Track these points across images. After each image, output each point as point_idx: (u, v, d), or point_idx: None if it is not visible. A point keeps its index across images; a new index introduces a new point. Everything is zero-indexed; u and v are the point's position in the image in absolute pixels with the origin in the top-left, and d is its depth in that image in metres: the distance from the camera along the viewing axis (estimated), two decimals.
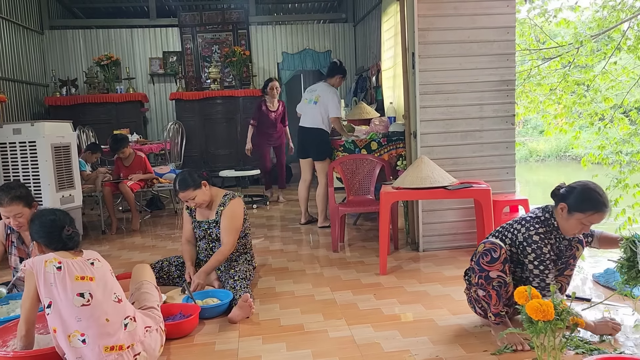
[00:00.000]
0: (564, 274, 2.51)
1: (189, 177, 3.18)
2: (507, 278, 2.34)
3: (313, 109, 5.02)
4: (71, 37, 8.72)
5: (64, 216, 2.26)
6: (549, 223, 2.37)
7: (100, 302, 2.09)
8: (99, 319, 2.05)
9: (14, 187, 2.93)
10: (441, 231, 4.03)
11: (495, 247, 2.33)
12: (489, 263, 2.32)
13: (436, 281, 3.30)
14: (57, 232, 2.17)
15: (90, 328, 2.03)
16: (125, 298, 2.24)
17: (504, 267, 2.32)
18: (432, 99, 3.91)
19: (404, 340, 2.45)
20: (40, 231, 2.20)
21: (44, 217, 2.23)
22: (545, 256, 2.32)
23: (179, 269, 3.36)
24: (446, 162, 3.89)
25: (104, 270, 2.21)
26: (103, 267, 2.22)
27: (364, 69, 8.59)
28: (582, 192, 2.30)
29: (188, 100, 8.23)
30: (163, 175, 5.97)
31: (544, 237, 2.34)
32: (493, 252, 2.32)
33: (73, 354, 2.00)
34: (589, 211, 2.26)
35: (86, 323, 2.03)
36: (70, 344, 2.00)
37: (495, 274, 2.32)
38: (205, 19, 8.83)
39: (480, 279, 2.35)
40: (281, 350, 2.41)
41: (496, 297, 2.34)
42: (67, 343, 2.01)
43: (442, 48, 3.88)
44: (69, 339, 2.01)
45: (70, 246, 2.20)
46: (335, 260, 3.91)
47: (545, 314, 1.80)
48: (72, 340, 2.00)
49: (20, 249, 3.01)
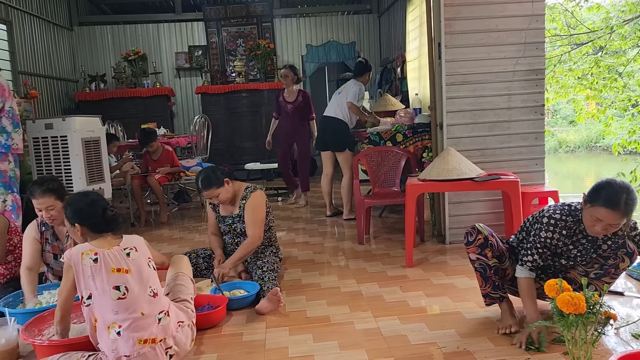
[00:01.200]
0: (601, 279, 2.37)
1: (212, 175, 3.18)
2: (490, 262, 2.40)
3: (336, 98, 5.06)
4: (99, 33, 8.87)
5: (102, 197, 2.29)
6: (577, 214, 2.24)
7: (136, 295, 2.11)
8: (135, 313, 2.08)
9: (47, 180, 3.00)
10: (468, 223, 3.95)
11: (472, 232, 2.43)
12: (466, 245, 2.45)
13: (463, 274, 3.27)
14: (100, 212, 2.18)
15: (126, 321, 2.06)
16: (161, 292, 2.25)
17: (481, 250, 2.39)
18: (458, 90, 3.86)
19: (431, 332, 2.44)
20: (83, 214, 2.20)
21: (84, 198, 2.24)
22: (539, 239, 2.26)
23: (206, 260, 3.40)
24: (473, 154, 3.84)
25: (140, 262, 2.21)
26: (139, 258, 2.21)
27: (388, 60, 8.53)
28: (600, 183, 2.15)
29: (213, 94, 8.31)
30: (190, 168, 6.04)
31: (553, 224, 2.24)
32: (469, 235, 2.44)
33: (109, 345, 2.04)
34: (596, 203, 2.09)
35: (122, 316, 2.06)
36: (109, 336, 2.04)
37: (474, 256, 2.43)
38: (230, 13, 8.88)
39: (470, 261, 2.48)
40: (308, 341, 2.43)
41: (481, 278, 2.44)
42: (106, 334, 2.05)
43: (469, 37, 3.82)
44: (108, 330, 2.05)
45: (114, 227, 2.22)
46: (360, 253, 3.91)
47: (576, 307, 1.76)
48: (110, 332, 2.05)
49: (54, 246, 3.08)
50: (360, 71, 5.06)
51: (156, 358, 2.09)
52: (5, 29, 6.68)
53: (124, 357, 2.02)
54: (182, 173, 5.91)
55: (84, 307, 2.10)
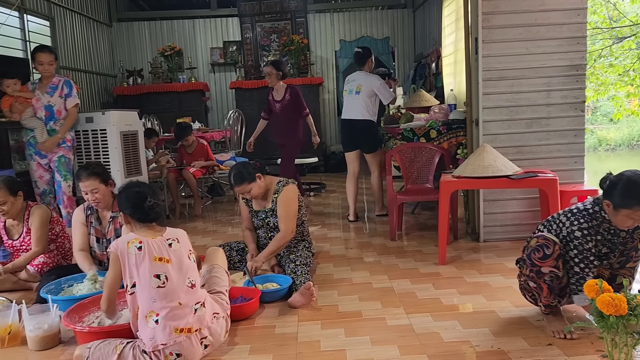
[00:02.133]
0: (625, 267, 2.36)
1: (243, 171, 3.21)
2: (561, 272, 2.25)
3: (355, 99, 4.82)
4: (137, 29, 9.05)
5: (148, 189, 2.36)
6: (598, 216, 2.23)
7: (174, 285, 2.17)
8: (172, 302, 2.14)
9: (92, 165, 3.13)
10: (503, 221, 3.92)
11: (548, 243, 2.23)
12: (541, 259, 2.24)
13: (497, 272, 3.22)
14: (141, 203, 2.26)
15: (164, 309, 2.12)
16: (198, 284, 2.31)
17: (556, 262, 2.23)
18: (495, 85, 3.79)
19: (464, 330, 2.41)
20: (127, 202, 2.30)
21: (130, 189, 2.34)
22: (589, 252, 2.21)
23: (239, 253, 3.45)
24: (510, 151, 3.77)
25: (181, 253, 2.28)
26: (180, 250, 2.28)
27: (423, 55, 8.43)
28: (626, 187, 2.11)
29: (247, 89, 8.40)
30: (224, 162, 6.12)
31: (587, 233, 2.20)
32: (546, 248, 2.23)
33: (147, 333, 2.10)
34: (636, 206, 2.08)
35: (160, 304, 2.12)
36: (147, 324, 2.10)
37: (547, 269, 2.24)
38: (264, 8, 8.93)
39: (532, 273, 2.29)
40: (339, 335, 2.44)
41: (547, 290, 2.28)
42: (144, 322, 2.11)
43: (507, 32, 3.74)
44: (146, 319, 2.11)
45: (152, 216, 2.29)
46: (392, 249, 3.89)
47: (617, 309, 1.72)
48: (148, 321, 2.11)
49: (97, 229, 3.19)
50: (362, 60, 4.92)
51: (191, 347, 2.14)
52: (48, 25, 6.89)
53: (160, 345, 2.08)
54: (216, 167, 5.99)
55: (128, 295, 2.17)
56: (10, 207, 3.27)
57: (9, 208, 3.26)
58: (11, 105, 4.19)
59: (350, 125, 4.88)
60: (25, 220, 3.36)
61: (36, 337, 2.41)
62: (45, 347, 2.43)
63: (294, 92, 5.33)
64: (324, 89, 9.17)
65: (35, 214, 3.34)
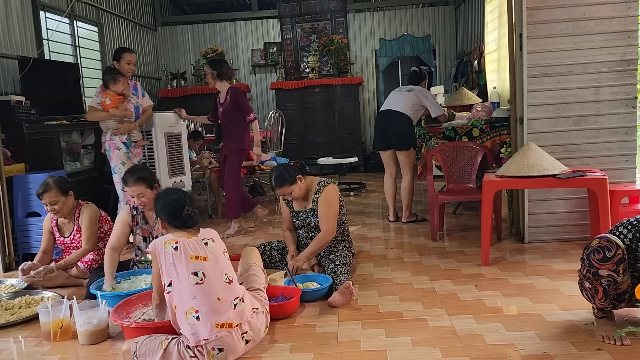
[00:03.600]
0: None
1: (285, 173, 3.22)
2: (620, 277, 2.16)
3: (404, 95, 4.68)
4: (180, 32, 9.26)
5: (185, 196, 2.43)
6: None
7: (212, 281, 2.22)
8: (211, 297, 2.19)
9: (139, 169, 3.22)
10: (549, 222, 3.80)
11: (610, 246, 2.14)
12: (600, 261, 2.15)
13: (543, 274, 3.13)
14: (179, 211, 2.34)
15: (204, 305, 2.17)
16: (235, 279, 2.36)
17: (617, 267, 2.13)
18: (541, 82, 3.69)
19: (508, 333, 2.36)
20: (165, 209, 2.38)
21: (168, 196, 2.42)
22: None
23: (280, 253, 3.48)
24: (556, 150, 3.66)
25: (217, 251, 2.34)
26: (216, 248, 2.35)
27: (464, 53, 8.29)
28: None
29: (287, 89, 8.46)
30: (264, 162, 6.18)
31: None
32: (607, 250, 2.14)
33: (189, 329, 2.15)
34: None
35: (200, 300, 2.17)
36: (187, 320, 2.16)
37: (606, 272, 2.15)
38: (304, 9, 8.97)
39: (589, 274, 2.20)
40: (380, 336, 2.42)
41: (602, 293, 2.19)
42: (185, 319, 2.16)
43: (553, 27, 3.64)
44: (186, 315, 2.16)
45: (189, 224, 2.36)
46: (434, 249, 3.84)
47: None
48: (188, 317, 2.16)
49: (144, 229, 3.29)
50: (416, 80, 4.82)
51: (233, 342, 2.18)
52: (96, 30, 7.14)
53: (203, 340, 2.13)
54: (257, 167, 6.06)
55: (165, 294, 2.22)
56: (62, 207, 3.41)
57: (60, 207, 3.40)
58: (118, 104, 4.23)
59: (386, 117, 4.67)
60: (76, 218, 3.50)
61: (86, 332, 2.51)
62: (95, 342, 2.52)
63: (235, 93, 4.68)
64: (364, 89, 9.14)
65: (85, 213, 3.47)
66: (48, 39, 5.81)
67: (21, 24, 5.40)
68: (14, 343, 2.63)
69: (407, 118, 4.63)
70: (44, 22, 5.82)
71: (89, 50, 6.87)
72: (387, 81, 9.63)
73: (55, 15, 6.05)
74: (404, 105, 4.64)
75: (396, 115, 4.63)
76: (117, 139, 4.27)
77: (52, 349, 2.51)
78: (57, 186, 3.38)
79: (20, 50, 5.30)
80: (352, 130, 8.51)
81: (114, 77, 4.18)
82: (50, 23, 5.93)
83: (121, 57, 4.31)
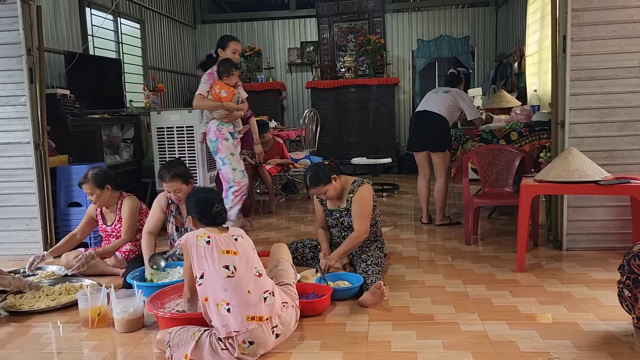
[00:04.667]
0: None
1: (320, 173, 3.22)
2: None
3: (440, 96, 4.61)
4: (219, 30, 9.38)
5: (214, 194, 2.51)
6: None
7: (242, 274, 2.26)
8: (242, 290, 2.22)
9: (175, 165, 3.28)
10: (589, 230, 3.70)
11: None
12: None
13: (581, 283, 3.04)
14: (208, 208, 2.40)
15: (235, 298, 2.20)
16: (265, 273, 2.39)
17: None
18: (584, 86, 3.59)
19: (543, 341, 2.30)
20: (195, 207, 2.45)
21: (199, 194, 2.49)
22: None
23: (312, 250, 3.49)
24: (598, 155, 3.55)
25: (247, 247, 2.40)
26: (246, 243, 2.41)
27: (504, 54, 8.13)
28: None
29: (323, 88, 8.47)
30: (298, 160, 6.22)
31: None
32: None
33: (220, 321, 2.19)
34: None
35: (231, 293, 2.21)
36: (218, 312, 2.19)
37: None
38: (342, 9, 8.96)
39: (628, 280, 2.14)
40: (411, 337, 2.40)
41: None
42: (216, 311, 2.20)
43: (599, 29, 3.53)
44: (217, 307, 2.20)
45: (218, 222, 2.43)
46: (467, 253, 3.79)
47: None
48: (219, 309, 2.19)
49: (177, 218, 3.37)
50: (453, 82, 4.75)
51: (263, 335, 2.21)
52: (139, 27, 7.32)
53: (234, 332, 2.16)
54: (291, 165, 6.10)
55: (197, 286, 2.27)
56: (97, 198, 3.51)
57: (96, 199, 3.52)
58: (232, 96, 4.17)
59: (422, 118, 4.62)
60: (118, 209, 3.61)
61: (122, 320, 2.57)
62: (130, 330, 2.58)
63: None
64: (400, 89, 9.08)
65: (126, 205, 3.57)
66: (93, 35, 5.98)
67: (68, 20, 5.58)
68: (53, 328, 2.72)
69: (443, 119, 4.56)
70: (89, 18, 6.00)
71: (130, 46, 7.04)
72: (424, 82, 9.54)
73: (100, 12, 6.22)
74: (440, 107, 4.57)
75: (432, 116, 4.57)
76: (225, 129, 4.17)
77: (90, 335, 2.59)
78: (92, 179, 3.48)
79: (66, 45, 5.47)
80: (387, 131, 8.46)
81: (229, 70, 4.07)
82: (95, 19, 6.10)
83: (227, 45, 4.23)
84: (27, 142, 3.93)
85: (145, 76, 7.29)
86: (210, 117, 4.21)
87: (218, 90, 4.09)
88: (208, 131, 4.20)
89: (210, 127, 4.19)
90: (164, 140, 4.79)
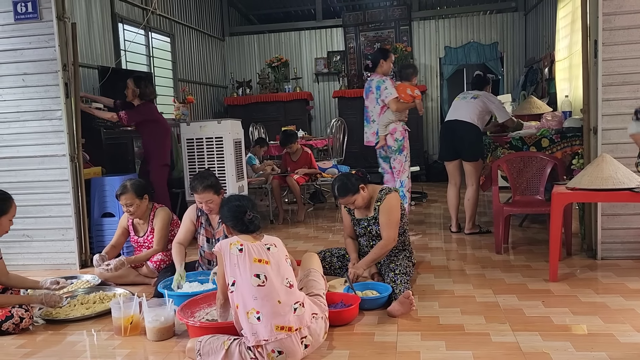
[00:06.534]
0: None
1: (347, 183, 3.21)
2: None
3: (470, 103, 4.57)
4: (247, 42, 9.53)
5: (248, 202, 2.53)
6: None
7: (273, 284, 2.27)
8: (272, 300, 2.24)
9: (206, 176, 3.33)
10: (625, 238, 3.60)
11: None
12: None
13: (617, 293, 2.96)
14: (241, 216, 2.43)
15: (265, 307, 2.22)
16: (296, 284, 2.40)
17: None
18: (617, 91, 3.51)
19: (578, 353, 2.25)
20: (228, 215, 2.49)
21: (231, 202, 2.53)
22: None
23: (340, 260, 3.49)
24: (633, 162, 3.44)
25: (279, 256, 2.40)
26: (278, 253, 2.41)
27: (534, 60, 8.01)
28: None
29: (350, 97, 8.50)
30: (326, 170, 6.24)
31: None
32: None
33: (249, 329, 2.21)
34: None
35: (261, 302, 2.22)
36: (248, 320, 2.21)
37: None
38: (368, 18, 9.00)
39: None
40: (440, 348, 2.38)
41: None
42: (246, 319, 2.23)
43: (631, 34, 3.46)
44: (247, 315, 2.22)
45: (251, 229, 2.44)
46: (498, 262, 3.73)
47: None
48: (249, 317, 2.22)
49: (207, 230, 3.42)
50: (480, 85, 4.73)
51: (292, 345, 2.21)
52: (169, 41, 7.49)
53: (263, 340, 2.17)
54: (319, 174, 6.12)
55: (229, 293, 2.30)
56: (136, 209, 3.59)
57: (135, 209, 3.59)
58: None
59: (453, 127, 4.60)
60: (150, 220, 3.68)
61: (154, 328, 2.62)
62: (161, 338, 2.63)
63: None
64: (427, 97, 9.03)
65: (159, 216, 3.64)
66: (125, 49, 6.15)
67: (101, 36, 5.76)
68: (88, 336, 2.79)
69: (475, 128, 4.53)
70: (122, 33, 6.17)
71: (161, 59, 7.21)
72: (452, 89, 9.45)
73: (132, 27, 6.40)
74: (471, 114, 4.54)
75: (464, 125, 4.54)
76: (402, 127, 4.74)
77: (122, 343, 2.64)
78: (133, 189, 3.56)
79: (100, 60, 5.64)
80: (415, 139, 8.37)
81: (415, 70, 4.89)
82: (128, 34, 6.28)
83: (389, 56, 4.93)
84: (62, 154, 4.05)
85: (175, 88, 7.44)
86: (393, 120, 4.73)
87: (410, 91, 4.67)
88: (393, 132, 4.74)
89: (396, 128, 4.73)
90: (193, 152, 4.85)
